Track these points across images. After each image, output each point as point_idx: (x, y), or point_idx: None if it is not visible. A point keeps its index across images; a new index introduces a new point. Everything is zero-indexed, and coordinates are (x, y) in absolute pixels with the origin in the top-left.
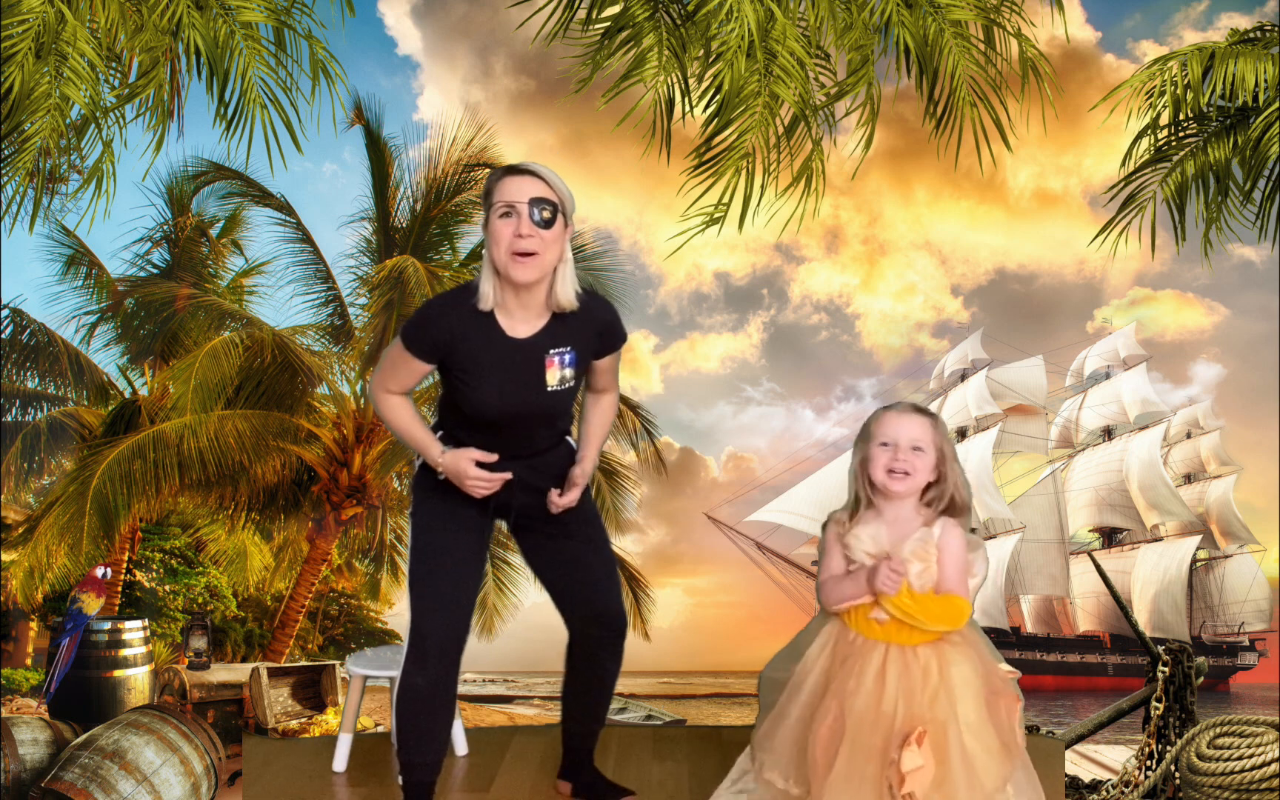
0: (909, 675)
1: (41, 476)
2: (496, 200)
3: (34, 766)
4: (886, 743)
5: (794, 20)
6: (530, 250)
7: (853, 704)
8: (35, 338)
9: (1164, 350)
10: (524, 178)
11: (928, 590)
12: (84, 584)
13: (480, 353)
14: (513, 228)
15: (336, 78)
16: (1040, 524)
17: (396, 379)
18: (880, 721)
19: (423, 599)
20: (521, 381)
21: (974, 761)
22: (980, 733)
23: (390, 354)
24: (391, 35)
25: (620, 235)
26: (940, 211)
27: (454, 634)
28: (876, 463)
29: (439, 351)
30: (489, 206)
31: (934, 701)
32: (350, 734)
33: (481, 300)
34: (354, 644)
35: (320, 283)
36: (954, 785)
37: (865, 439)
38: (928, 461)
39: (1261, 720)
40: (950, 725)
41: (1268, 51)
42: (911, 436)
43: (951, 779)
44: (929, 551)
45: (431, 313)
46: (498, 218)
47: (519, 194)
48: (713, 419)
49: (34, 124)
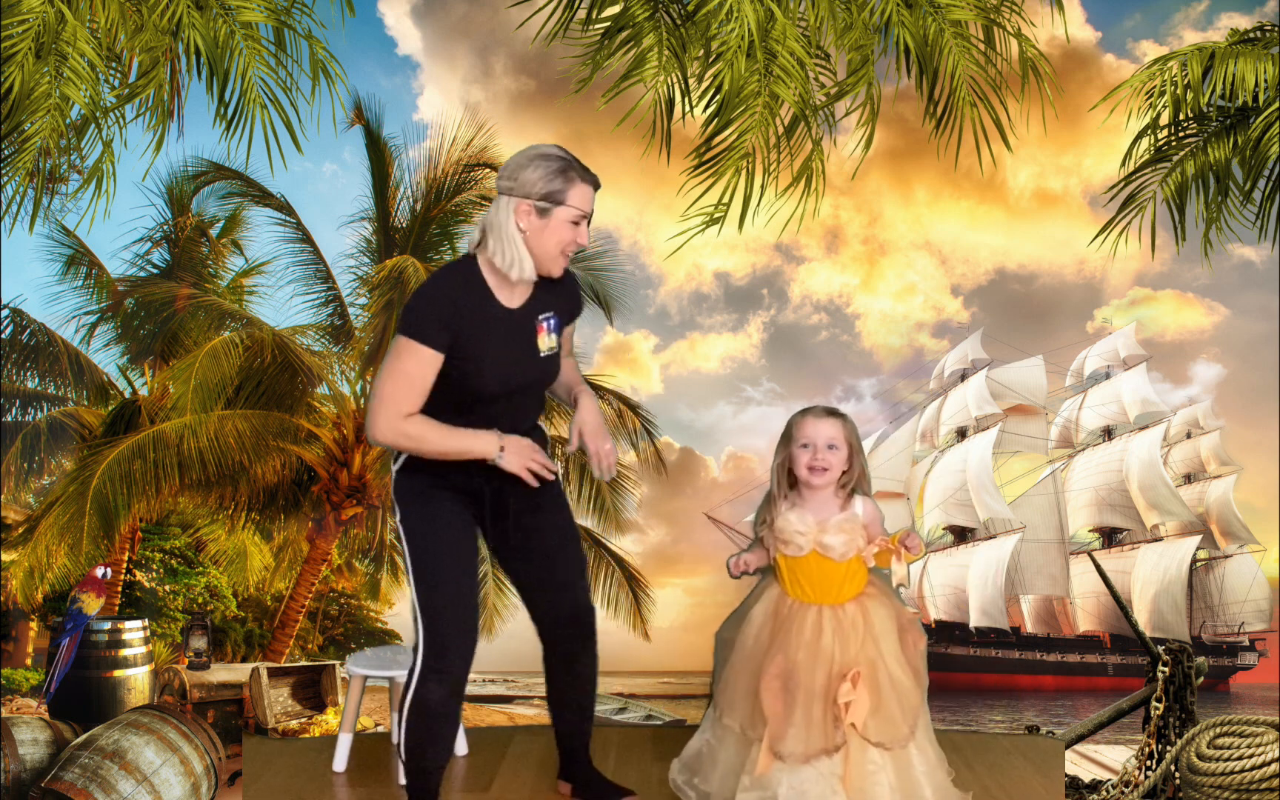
0: (841, 628)
1: (41, 476)
2: (572, 202)
3: (34, 766)
4: (827, 685)
5: (794, 20)
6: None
7: (796, 656)
8: (35, 338)
9: (1164, 350)
10: (593, 194)
11: (849, 559)
12: (84, 584)
13: (481, 327)
14: (575, 235)
15: (336, 78)
16: (1040, 524)
17: (412, 390)
18: (819, 667)
19: (436, 605)
20: (518, 352)
21: (901, 686)
22: (902, 662)
23: (395, 370)
24: (391, 35)
25: (620, 235)
26: (940, 211)
27: (472, 636)
28: (799, 461)
29: (448, 331)
30: (557, 197)
31: (863, 645)
32: (350, 734)
33: (522, 271)
34: (354, 644)
35: (320, 283)
36: (888, 707)
37: (787, 441)
38: (841, 456)
39: (1261, 720)
40: (878, 661)
41: (1268, 51)
42: (827, 437)
43: (885, 704)
44: (854, 528)
45: (429, 292)
46: (568, 218)
47: (589, 208)
48: (713, 419)
49: (34, 124)
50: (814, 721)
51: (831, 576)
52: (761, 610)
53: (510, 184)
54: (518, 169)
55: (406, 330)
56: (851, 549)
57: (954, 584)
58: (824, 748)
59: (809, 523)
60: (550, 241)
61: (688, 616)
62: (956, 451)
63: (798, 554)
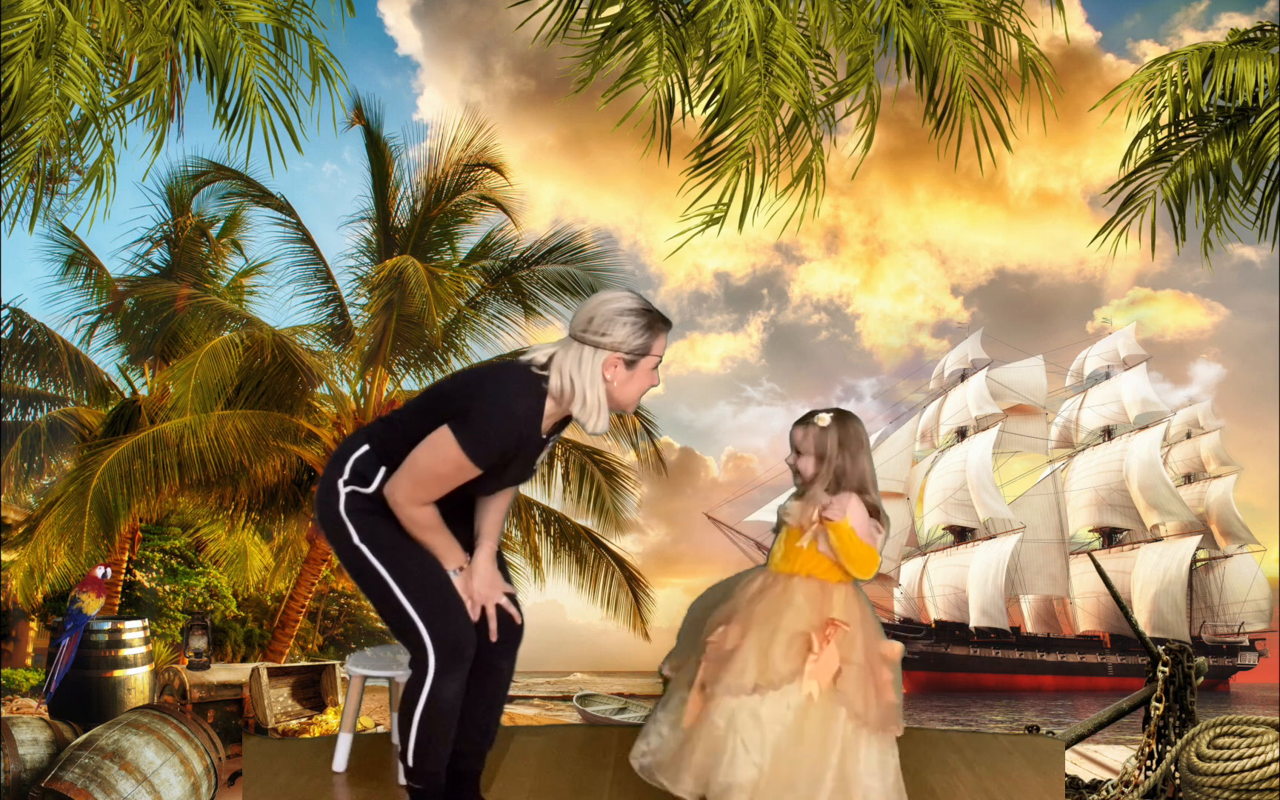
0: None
1: (41, 476)
2: (655, 351)
3: (34, 766)
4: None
5: (794, 20)
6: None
7: (753, 606)
8: (35, 338)
9: (1164, 350)
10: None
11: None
12: (84, 584)
13: (519, 450)
14: (654, 380)
15: (336, 78)
16: (1040, 524)
17: (446, 486)
18: (778, 612)
19: (434, 608)
20: (524, 465)
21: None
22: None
23: (440, 465)
24: (391, 35)
25: (620, 235)
26: (940, 211)
27: (472, 631)
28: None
29: (506, 453)
30: (645, 349)
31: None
32: (350, 734)
33: (599, 424)
34: (354, 644)
35: (320, 283)
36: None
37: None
38: (807, 460)
39: (1261, 720)
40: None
41: (1268, 51)
42: (795, 441)
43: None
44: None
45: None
46: (650, 365)
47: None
48: (713, 419)
49: (34, 124)
50: (759, 658)
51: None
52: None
53: (598, 339)
54: (607, 323)
55: (466, 439)
56: (805, 520)
57: (954, 584)
58: (771, 680)
59: (796, 509)
60: (634, 390)
61: None
62: (956, 451)
63: (779, 529)
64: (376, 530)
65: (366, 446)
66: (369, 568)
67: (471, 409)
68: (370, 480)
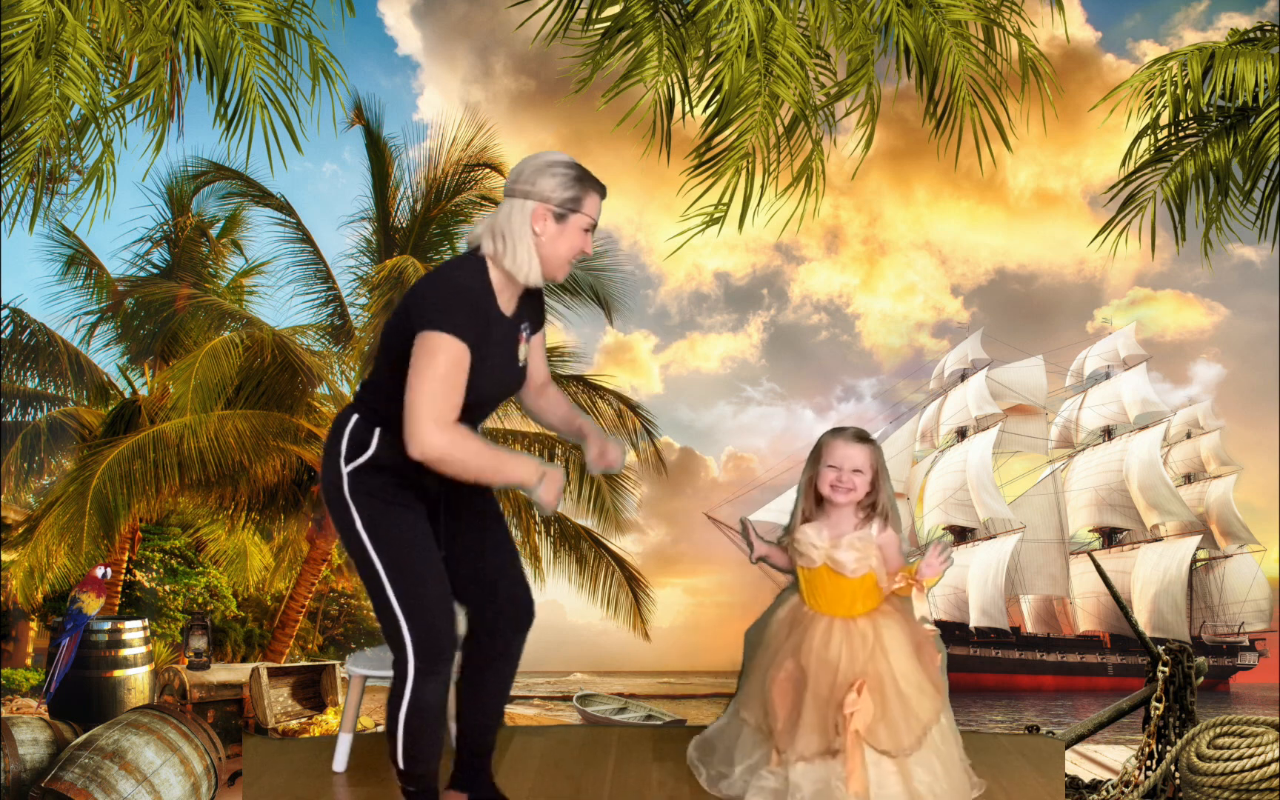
0: (850, 639)
1: (41, 476)
2: (586, 211)
3: (34, 766)
4: (832, 690)
5: (794, 20)
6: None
7: (806, 662)
8: (35, 338)
9: (1164, 350)
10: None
11: (861, 576)
12: (84, 584)
13: (486, 328)
14: (585, 243)
15: (336, 78)
16: (1040, 524)
17: (454, 392)
18: (826, 673)
19: (421, 605)
20: (507, 359)
21: (908, 700)
22: (912, 677)
23: (431, 371)
24: (391, 35)
25: (620, 235)
26: (940, 211)
27: (456, 631)
28: (824, 480)
29: (472, 327)
30: (573, 204)
31: (871, 657)
32: (350, 734)
33: (531, 275)
34: (354, 644)
35: (320, 283)
36: (893, 718)
37: (815, 460)
38: (865, 480)
39: (1261, 720)
40: (886, 674)
41: (1268, 51)
42: (854, 462)
43: (890, 714)
44: (867, 547)
45: (451, 281)
46: (582, 226)
47: (598, 216)
48: (713, 419)
49: (34, 124)
50: (819, 724)
51: (843, 590)
52: (782, 616)
53: (527, 189)
54: (535, 174)
55: (435, 324)
56: (863, 567)
57: (954, 584)
58: (824, 750)
59: (824, 538)
60: (563, 247)
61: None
62: (956, 451)
63: (810, 566)
64: (381, 520)
65: (356, 416)
66: (367, 557)
67: (422, 305)
68: (368, 444)
